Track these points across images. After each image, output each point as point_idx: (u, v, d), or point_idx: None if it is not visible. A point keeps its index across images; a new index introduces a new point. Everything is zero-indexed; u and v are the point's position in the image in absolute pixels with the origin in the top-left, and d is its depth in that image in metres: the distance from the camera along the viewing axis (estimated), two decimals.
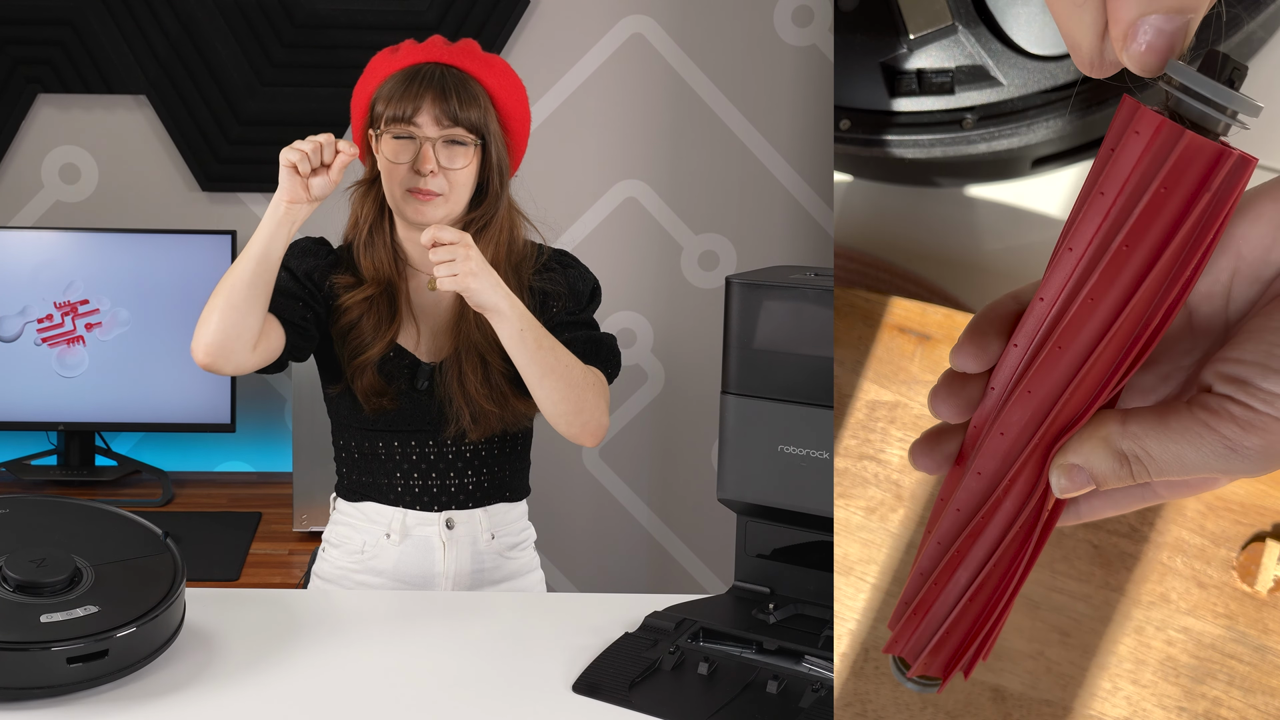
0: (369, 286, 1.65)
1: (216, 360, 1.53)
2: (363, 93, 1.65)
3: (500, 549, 1.71)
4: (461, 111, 1.59)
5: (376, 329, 1.64)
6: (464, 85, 1.60)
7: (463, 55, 1.64)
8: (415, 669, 1.34)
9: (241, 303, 1.51)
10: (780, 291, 1.40)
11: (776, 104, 2.56)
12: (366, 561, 1.69)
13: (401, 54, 1.64)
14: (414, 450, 1.67)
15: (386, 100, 1.60)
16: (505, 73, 1.66)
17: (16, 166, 2.47)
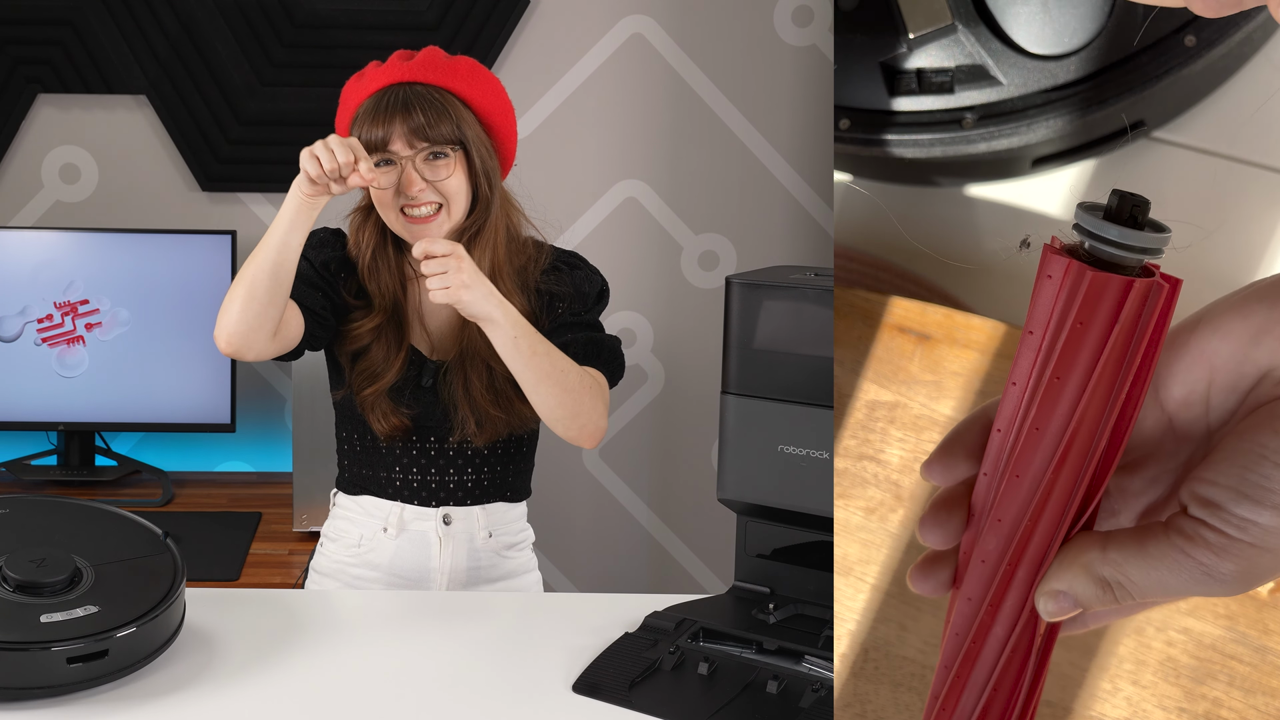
0: (377, 315, 1.65)
1: (239, 349, 1.54)
2: (342, 124, 1.65)
3: (497, 548, 1.71)
4: (432, 128, 1.58)
5: (386, 357, 1.64)
6: (429, 101, 1.59)
7: (426, 68, 1.62)
8: (415, 669, 1.34)
9: (263, 293, 1.51)
10: (780, 291, 1.40)
11: (776, 104, 2.56)
12: (363, 555, 1.69)
13: (367, 79, 1.63)
14: (415, 445, 1.67)
15: (360, 128, 1.59)
16: (474, 73, 1.63)
17: (16, 166, 2.47)
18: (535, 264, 1.67)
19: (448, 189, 1.59)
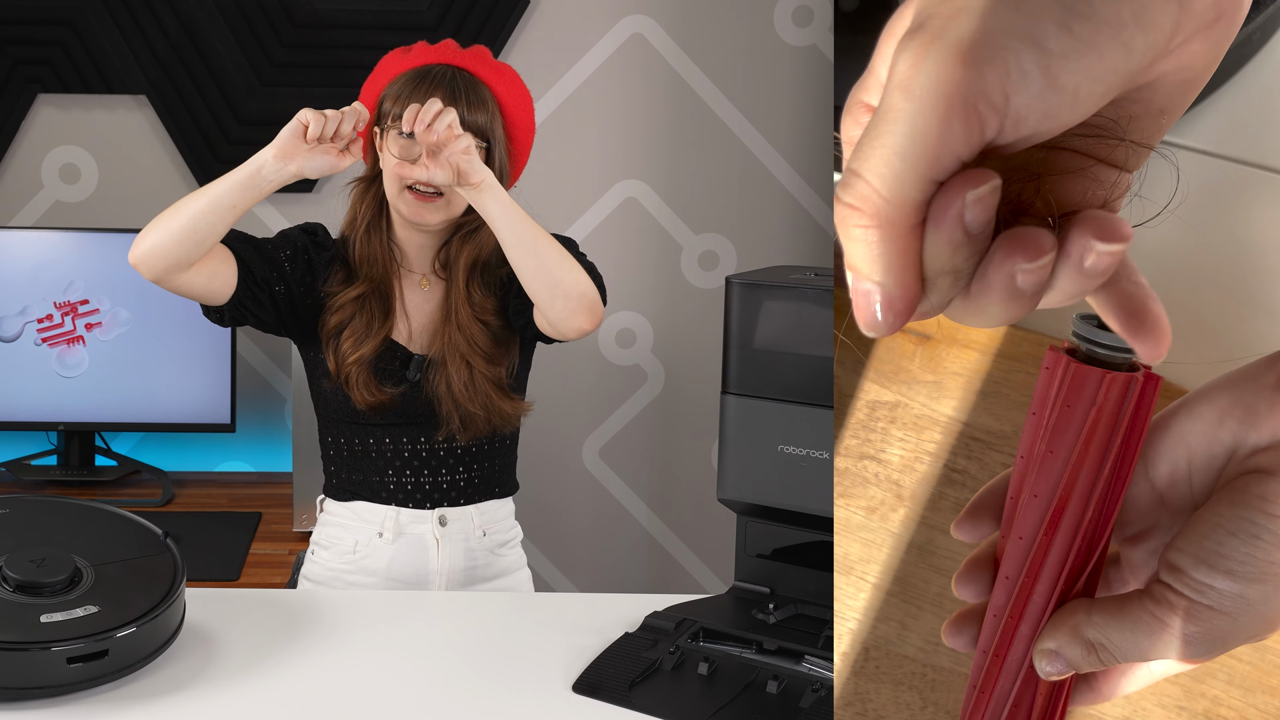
0: (361, 284, 1.65)
1: (142, 268, 1.57)
2: (371, 89, 1.66)
3: (491, 546, 1.72)
4: (469, 114, 1.59)
5: (369, 326, 1.64)
6: (473, 89, 1.61)
7: (474, 60, 1.65)
8: (415, 669, 1.34)
9: (178, 232, 1.54)
10: (780, 291, 1.40)
11: (776, 104, 2.56)
12: (359, 561, 1.69)
13: (414, 54, 1.65)
14: (406, 447, 1.67)
15: (395, 98, 1.60)
16: (514, 81, 1.67)
17: (16, 166, 2.47)
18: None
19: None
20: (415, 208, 1.60)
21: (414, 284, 1.69)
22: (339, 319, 1.65)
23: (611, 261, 2.56)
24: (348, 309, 1.65)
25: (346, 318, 1.65)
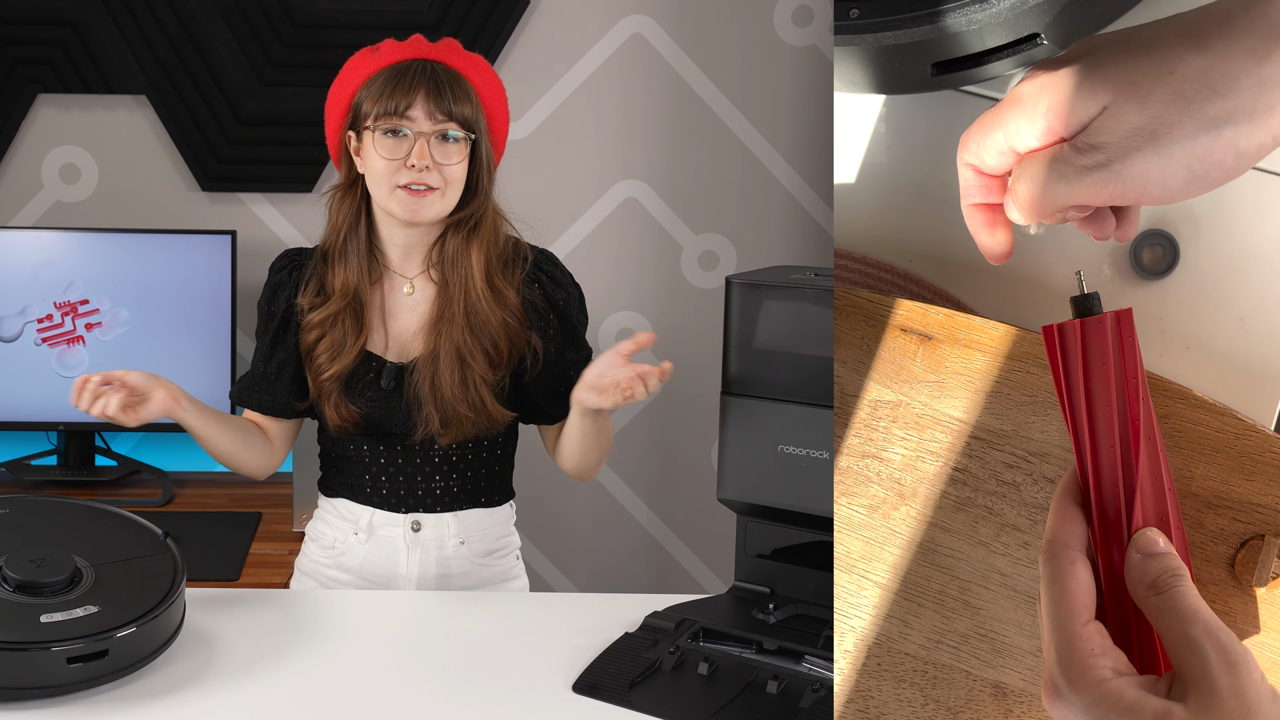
0: (334, 302, 1.63)
1: (245, 475, 1.75)
2: (342, 93, 1.62)
3: (472, 555, 1.69)
4: (455, 106, 1.57)
5: (340, 345, 1.63)
6: (456, 82, 1.59)
7: (448, 53, 1.62)
8: (415, 669, 1.34)
9: (217, 454, 1.70)
10: (780, 291, 1.40)
11: (776, 104, 2.56)
12: (336, 557, 1.70)
13: (383, 53, 1.61)
14: (382, 453, 1.66)
15: (375, 98, 1.57)
16: (488, 71, 1.65)
17: (16, 166, 2.47)
18: (513, 265, 1.66)
19: (452, 174, 1.58)
20: (411, 205, 1.57)
21: (396, 287, 1.66)
22: (313, 337, 1.64)
23: (611, 261, 2.56)
24: (319, 329, 1.64)
25: (320, 335, 1.64)
